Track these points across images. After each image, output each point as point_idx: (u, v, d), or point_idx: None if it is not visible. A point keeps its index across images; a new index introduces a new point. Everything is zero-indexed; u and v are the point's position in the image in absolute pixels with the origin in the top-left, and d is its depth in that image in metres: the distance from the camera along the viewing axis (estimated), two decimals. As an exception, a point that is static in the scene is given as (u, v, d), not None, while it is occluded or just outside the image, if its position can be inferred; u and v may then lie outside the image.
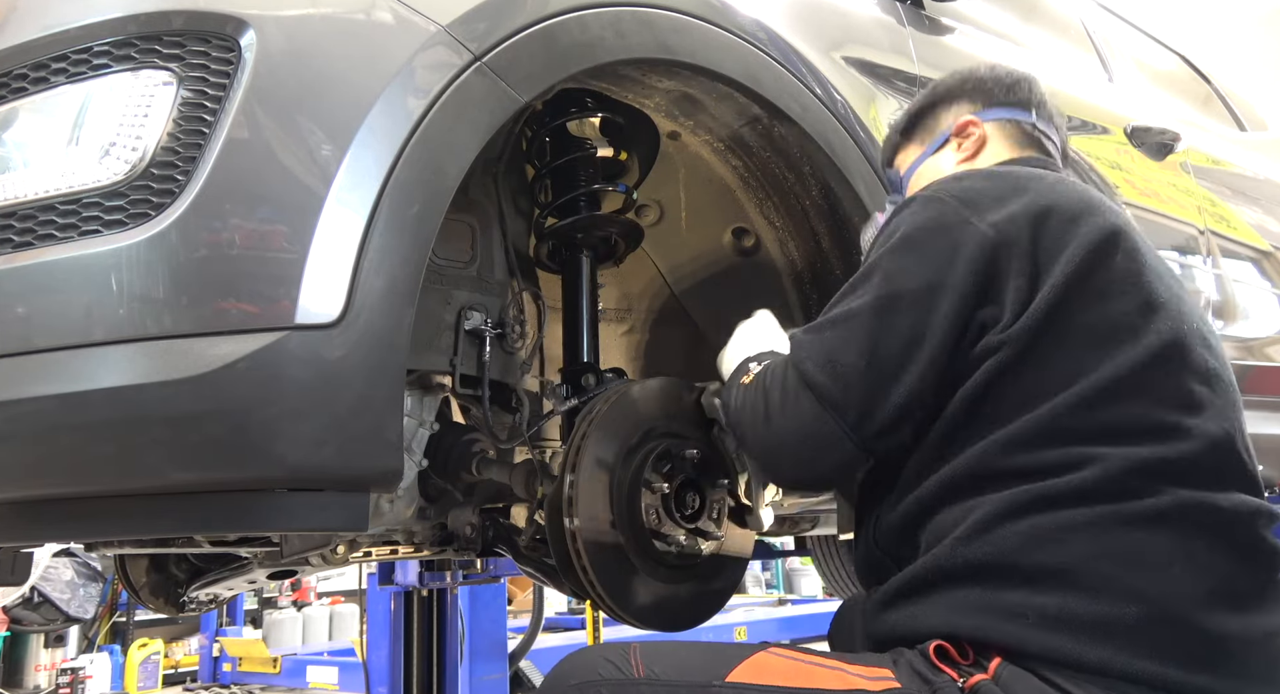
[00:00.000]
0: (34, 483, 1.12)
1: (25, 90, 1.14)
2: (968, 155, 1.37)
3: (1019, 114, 1.38)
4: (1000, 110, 1.38)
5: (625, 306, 2.10)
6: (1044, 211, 1.10)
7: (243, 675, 6.24)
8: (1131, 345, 1.06)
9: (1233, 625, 0.97)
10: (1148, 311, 1.09)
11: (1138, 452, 1.02)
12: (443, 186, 1.16)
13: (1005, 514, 1.02)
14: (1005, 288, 1.07)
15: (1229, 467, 1.07)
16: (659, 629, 1.51)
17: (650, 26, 1.42)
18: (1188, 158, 2.76)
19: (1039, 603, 0.97)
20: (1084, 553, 0.98)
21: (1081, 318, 1.06)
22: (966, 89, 1.41)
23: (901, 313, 1.09)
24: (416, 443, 1.54)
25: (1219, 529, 1.01)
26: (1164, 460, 1.02)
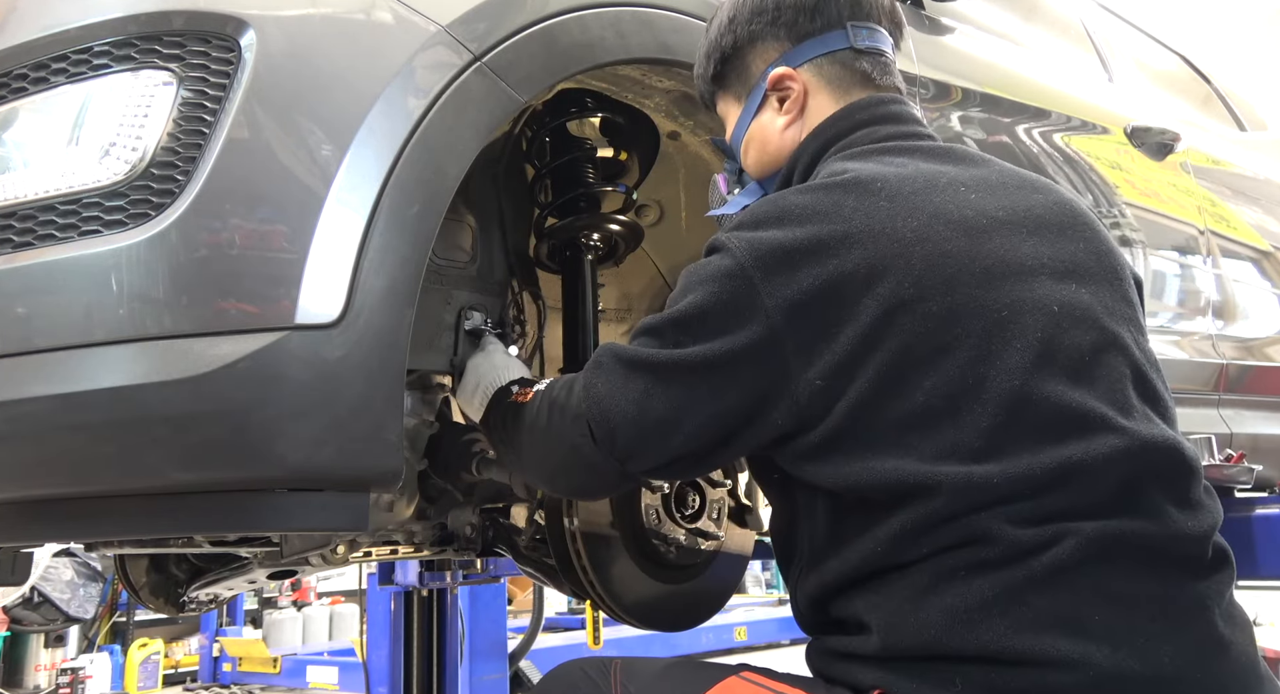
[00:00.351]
0: (34, 483, 1.12)
1: (25, 90, 1.14)
2: (792, 117, 1.22)
3: (833, 42, 1.21)
4: (811, 45, 1.21)
5: (625, 306, 2.10)
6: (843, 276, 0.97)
7: (243, 675, 6.24)
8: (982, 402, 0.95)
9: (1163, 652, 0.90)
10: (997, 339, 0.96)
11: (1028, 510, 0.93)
12: (443, 186, 1.16)
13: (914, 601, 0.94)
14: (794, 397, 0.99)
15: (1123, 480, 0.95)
16: (659, 629, 1.51)
17: (650, 26, 1.42)
18: (1188, 158, 2.76)
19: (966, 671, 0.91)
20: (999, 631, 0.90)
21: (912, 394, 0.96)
22: (766, 22, 1.23)
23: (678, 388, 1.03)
24: (416, 443, 1.54)
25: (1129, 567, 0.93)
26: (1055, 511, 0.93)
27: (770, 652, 6.71)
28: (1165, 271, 2.54)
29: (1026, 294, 1.00)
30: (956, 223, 1.02)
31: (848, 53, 1.21)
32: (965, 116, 2.03)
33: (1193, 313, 2.62)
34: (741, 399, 1.01)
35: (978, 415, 0.95)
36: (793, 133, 1.23)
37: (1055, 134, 2.27)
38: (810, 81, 1.22)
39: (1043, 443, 0.94)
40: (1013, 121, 2.15)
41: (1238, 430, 2.57)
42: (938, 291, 0.97)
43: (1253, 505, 2.00)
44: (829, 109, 1.21)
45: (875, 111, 1.19)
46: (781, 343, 0.98)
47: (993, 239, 1.02)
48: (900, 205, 1.02)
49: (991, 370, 0.96)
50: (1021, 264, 1.02)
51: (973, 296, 0.98)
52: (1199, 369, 2.59)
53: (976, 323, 0.97)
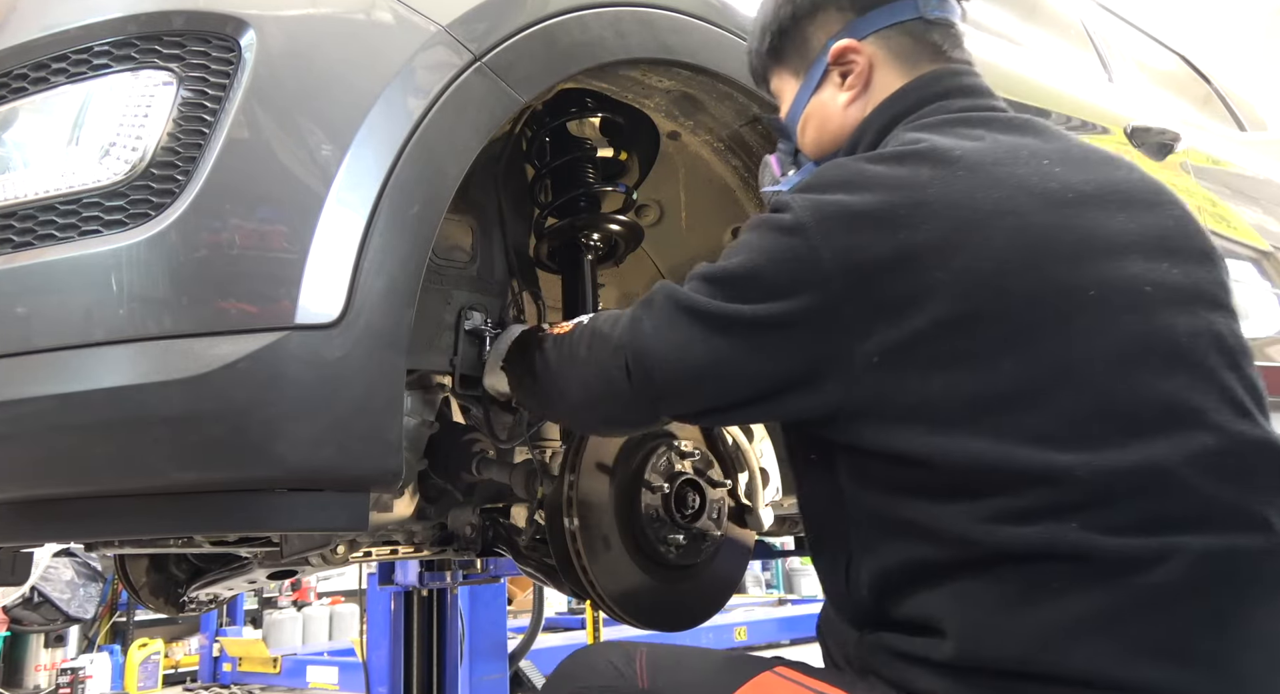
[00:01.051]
0: (34, 483, 1.12)
1: (25, 90, 1.14)
2: (856, 92, 1.15)
3: (901, 11, 1.14)
4: (877, 16, 1.14)
5: (625, 306, 2.10)
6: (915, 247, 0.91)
7: (243, 675, 6.24)
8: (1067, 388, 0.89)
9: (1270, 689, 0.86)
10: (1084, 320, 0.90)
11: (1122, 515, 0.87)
12: (443, 187, 1.16)
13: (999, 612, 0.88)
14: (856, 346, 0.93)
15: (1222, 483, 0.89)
16: (659, 629, 1.51)
17: (650, 26, 1.42)
18: (1188, 158, 2.76)
19: None
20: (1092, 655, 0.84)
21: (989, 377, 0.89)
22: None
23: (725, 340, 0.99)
24: (416, 443, 1.54)
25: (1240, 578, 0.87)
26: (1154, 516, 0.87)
27: (770, 652, 6.71)
28: (1165, 271, 2.54)
29: (1116, 273, 0.92)
30: (1040, 195, 0.94)
31: (917, 23, 1.14)
32: (965, 116, 2.03)
33: (1193, 313, 2.62)
34: (790, 364, 0.96)
35: (1060, 402, 0.88)
36: (856, 110, 1.15)
37: (1055, 134, 2.27)
38: (876, 55, 1.14)
39: (1131, 437, 0.87)
40: (1013, 121, 2.15)
41: (1238, 430, 2.56)
42: (1020, 268, 0.90)
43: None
44: (896, 84, 1.13)
45: (948, 84, 1.12)
46: (839, 311, 0.93)
47: (1080, 213, 0.95)
48: (980, 177, 0.95)
49: (1076, 356, 0.89)
50: (1111, 241, 0.94)
51: (1058, 274, 0.91)
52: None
53: (1062, 303, 0.90)
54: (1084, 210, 0.95)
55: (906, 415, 0.92)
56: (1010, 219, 0.92)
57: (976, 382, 0.89)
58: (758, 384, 1.00)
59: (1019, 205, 0.93)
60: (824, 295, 0.93)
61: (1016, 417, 0.88)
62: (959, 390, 0.90)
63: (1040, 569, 0.86)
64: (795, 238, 0.95)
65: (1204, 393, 0.90)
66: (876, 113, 1.14)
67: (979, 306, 0.90)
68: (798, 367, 0.96)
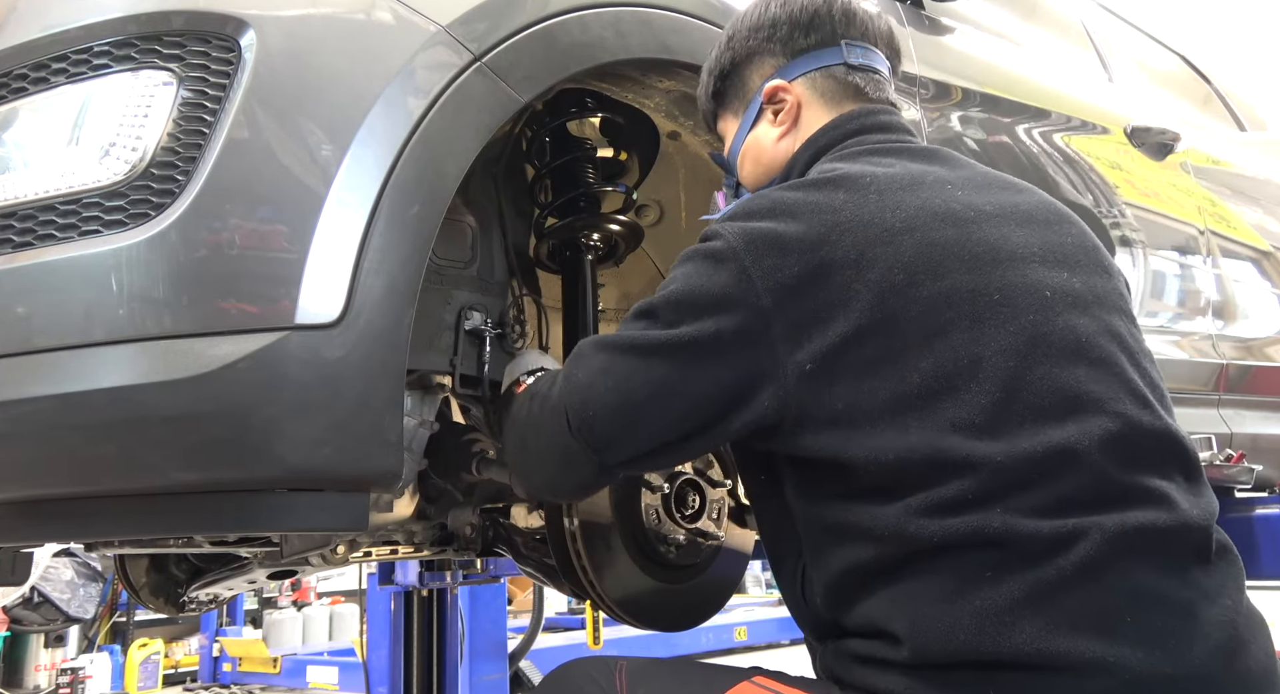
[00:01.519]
0: (34, 483, 1.12)
1: (25, 90, 1.14)
2: (786, 128, 1.25)
3: (826, 58, 1.25)
4: (805, 61, 1.25)
5: (625, 307, 2.10)
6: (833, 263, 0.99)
7: (243, 675, 6.24)
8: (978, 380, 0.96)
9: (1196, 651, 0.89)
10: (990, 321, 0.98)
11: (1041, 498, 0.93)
12: (443, 187, 1.16)
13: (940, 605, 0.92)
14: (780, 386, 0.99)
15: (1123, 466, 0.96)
16: (659, 629, 1.51)
17: (650, 26, 1.42)
18: (1188, 158, 2.76)
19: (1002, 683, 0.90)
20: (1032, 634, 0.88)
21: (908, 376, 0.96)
22: (762, 38, 1.27)
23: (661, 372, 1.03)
24: (416, 443, 1.54)
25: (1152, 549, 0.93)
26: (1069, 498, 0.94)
27: (770, 652, 6.71)
28: (1165, 271, 2.54)
29: (1018, 279, 1.01)
30: (944, 215, 1.04)
31: (841, 68, 1.25)
32: (965, 116, 2.03)
33: (1193, 313, 2.62)
34: (729, 382, 1.01)
35: (975, 394, 0.95)
36: (786, 143, 1.26)
37: (1055, 134, 2.27)
38: (804, 94, 1.25)
39: (1041, 424, 0.94)
40: (1013, 121, 2.15)
41: (1238, 430, 2.57)
42: (927, 277, 0.99)
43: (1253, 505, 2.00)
44: (822, 120, 1.24)
45: (865, 121, 1.22)
46: (769, 325, 0.99)
47: (982, 228, 1.04)
48: (888, 199, 1.04)
49: (986, 351, 0.97)
50: (1012, 251, 1.03)
51: (963, 281, 1.00)
52: (1199, 369, 2.59)
53: (968, 306, 0.99)
54: (985, 225, 1.05)
55: (840, 420, 0.98)
56: (917, 235, 1.01)
57: (899, 381, 0.96)
58: (702, 408, 1.03)
59: (923, 223, 1.02)
60: (754, 312, 1.00)
61: (938, 410, 0.95)
62: (885, 391, 0.97)
63: (972, 559, 0.91)
64: (726, 262, 1.02)
65: (1105, 384, 0.98)
66: (804, 147, 1.23)
67: (895, 313, 0.98)
68: (736, 383, 1.01)
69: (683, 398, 1.03)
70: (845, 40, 1.25)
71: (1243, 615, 0.94)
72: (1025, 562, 0.90)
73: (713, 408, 1.03)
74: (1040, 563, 0.90)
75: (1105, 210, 2.32)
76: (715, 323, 1.01)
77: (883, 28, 1.29)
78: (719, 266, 1.02)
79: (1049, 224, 1.10)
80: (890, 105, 1.27)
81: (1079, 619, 0.88)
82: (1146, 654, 0.87)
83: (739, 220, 1.05)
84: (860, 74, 1.25)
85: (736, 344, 1.01)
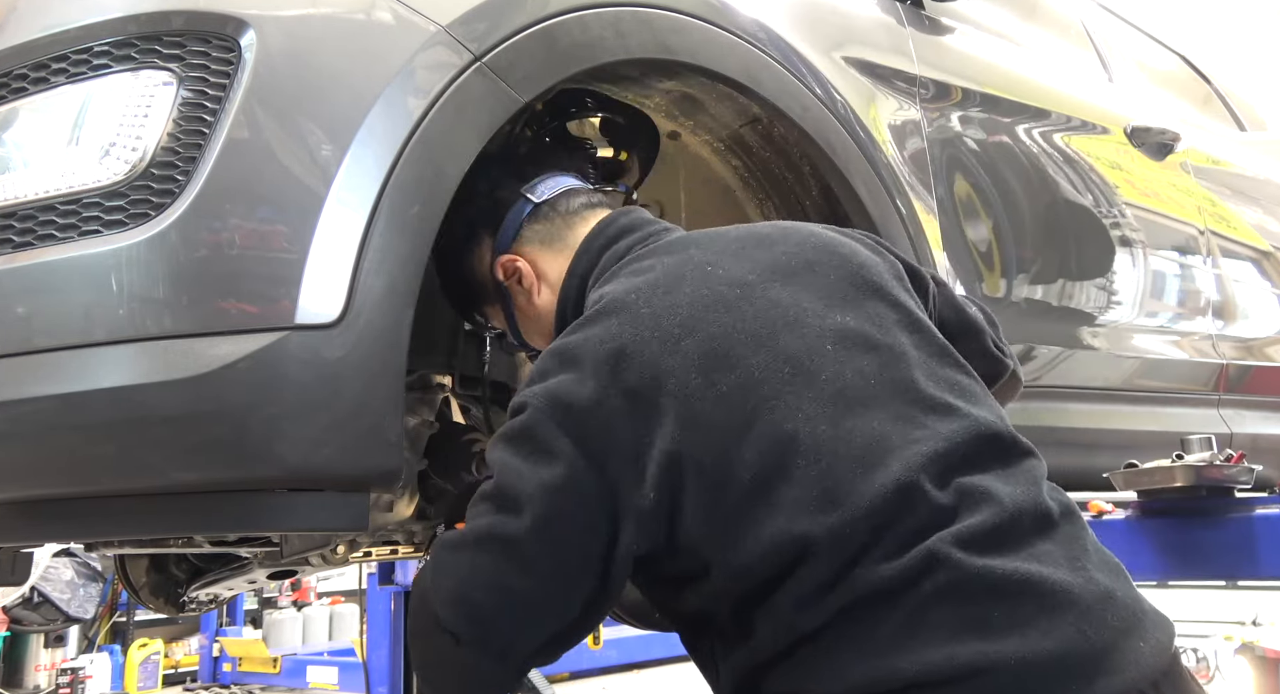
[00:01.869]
0: (34, 483, 1.12)
1: (25, 90, 1.14)
2: (537, 286, 1.29)
3: (518, 212, 1.30)
4: (506, 227, 1.30)
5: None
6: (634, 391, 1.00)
7: (243, 675, 6.25)
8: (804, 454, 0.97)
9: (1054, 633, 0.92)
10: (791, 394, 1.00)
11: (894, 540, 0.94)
12: (443, 187, 1.16)
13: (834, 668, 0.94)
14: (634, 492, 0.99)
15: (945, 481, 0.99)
16: (659, 630, 1.51)
17: (650, 26, 1.42)
18: (1188, 158, 2.76)
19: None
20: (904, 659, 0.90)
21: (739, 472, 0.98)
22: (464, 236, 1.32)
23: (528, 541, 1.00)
24: (416, 443, 1.54)
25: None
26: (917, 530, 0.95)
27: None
28: (1165, 271, 2.54)
29: (798, 343, 1.03)
30: (713, 303, 1.05)
31: (540, 208, 1.30)
32: (965, 116, 2.03)
33: (1193, 313, 2.62)
34: (593, 537, 1.00)
35: (803, 469, 0.96)
36: (546, 295, 1.29)
37: (1055, 134, 2.27)
38: (529, 251, 1.30)
39: (865, 473, 0.96)
40: (1012, 121, 2.15)
41: (1238, 430, 2.57)
42: (721, 372, 1.00)
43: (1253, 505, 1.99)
44: (560, 259, 1.27)
45: (608, 233, 1.25)
46: (601, 477, 0.99)
47: (752, 302, 1.06)
48: (658, 305, 1.05)
49: (797, 425, 0.98)
50: (784, 316, 1.05)
51: (754, 365, 1.01)
52: (1199, 369, 2.59)
53: (765, 388, 1.00)
54: (754, 298, 1.06)
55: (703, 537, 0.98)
56: (697, 334, 1.03)
57: (736, 483, 0.97)
58: (590, 567, 1.01)
59: (697, 319, 1.04)
60: (583, 473, 0.99)
61: (779, 497, 0.96)
62: (729, 496, 0.97)
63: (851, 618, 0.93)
64: (536, 432, 1.01)
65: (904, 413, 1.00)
66: (564, 287, 1.27)
67: (702, 416, 0.99)
68: (599, 533, 1.00)
69: (569, 572, 1.01)
70: (523, 189, 1.31)
71: (1101, 568, 0.97)
72: (892, 597, 0.92)
73: (592, 572, 1.01)
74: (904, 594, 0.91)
75: (1105, 210, 2.32)
76: (554, 493, 0.99)
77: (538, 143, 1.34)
78: (535, 439, 1.01)
79: (809, 269, 1.11)
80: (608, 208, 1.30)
81: (952, 625, 0.90)
82: (1022, 641, 0.88)
83: (536, 383, 1.05)
84: (559, 201, 1.30)
85: (581, 501, 0.99)
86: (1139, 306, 2.41)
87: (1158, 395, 2.50)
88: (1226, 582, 4.31)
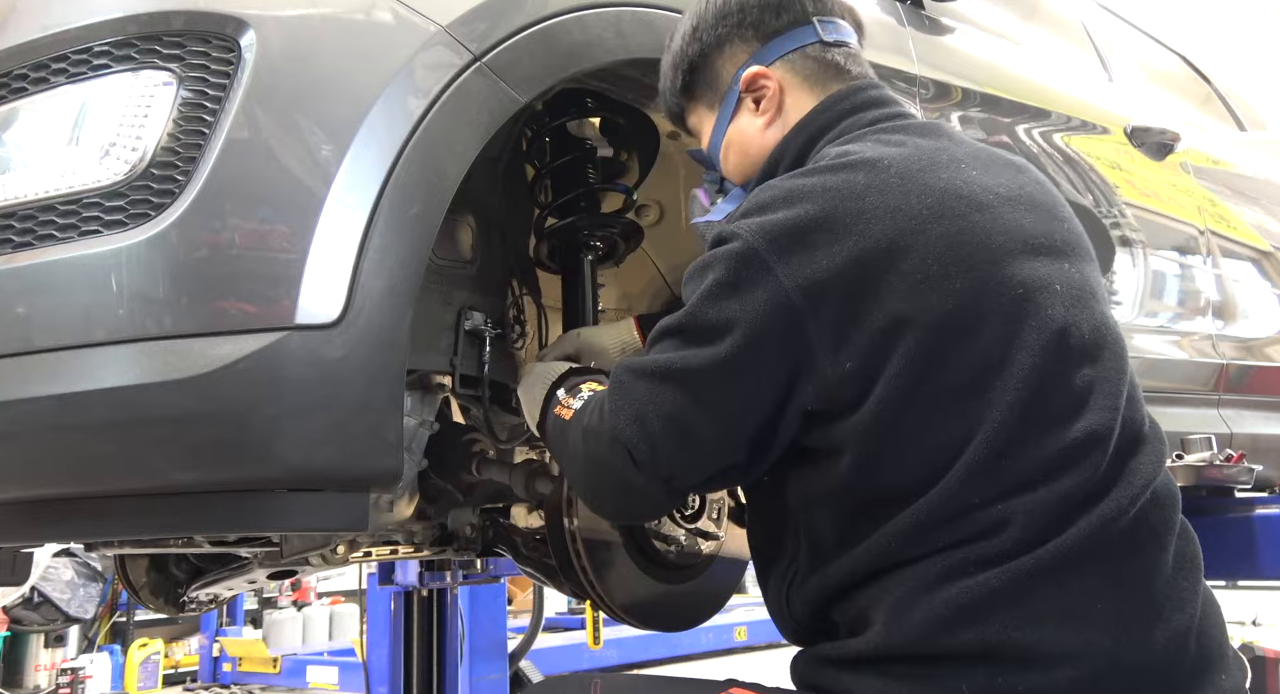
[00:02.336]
0: (34, 483, 1.12)
1: (25, 90, 1.14)
2: (770, 116, 1.20)
3: (801, 37, 1.20)
4: (781, 42, 1.20)
5: (625, 307, 2.10)
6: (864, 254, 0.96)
7: (243, 675, 6.24)
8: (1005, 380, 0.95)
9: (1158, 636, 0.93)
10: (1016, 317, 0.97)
11: (1044, 496, 0.94)
12: (443, 187, 1.16)
13: (920, 594, 0.93)
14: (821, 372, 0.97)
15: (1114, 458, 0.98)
16: (659, 629, 1.51)
17: (650, 26, 1.42)
18: (1188, 158, 2.76)
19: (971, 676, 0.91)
20: (1005, 624, 0.90)
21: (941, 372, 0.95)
22: (732, 24, 1.22)
23: (710, 387, 1.00)
24: (416, 443, 1.54)
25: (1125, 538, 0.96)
26: (1067, 494, 0.94)
27: (771, 651, 6.71)
28: (1165, 271, 2.54)
29: (1033, 273, 1.00)
30: (966, 199, 1.01)
31: (817, 46, 1.20)
32: (965, 116, 2.03)
33: (1193, 313, 2.62)
34: (770, 385, 0.98)
35: (1001, 393, 0.94)
36: (774, 132, 1.20)
37: (1055, 134, 2.27)
38: (785, 78, 1.20)
39: (1055, 424, 0.95)
40: (1013, 121, 2.15)
41: (1238, 430, 2.57)
42: (958, 269, 0.96)
43: (1253, 505, 2.00)
44: (808, 103, 1.19)
45: (857, 99, 1.18)
46: (804, 323, 0.96)
47: (1000, 215, 1.02)
48: (912, 183, 1.00)
49: (1013, 350, 0.96)
50: (1025, 242, 1.02)
51: (990, 274, 0.98)
52: (1199, 369, 2.59)
53: (997, 301, 0.97)
54: (1002, 212, 1.03)
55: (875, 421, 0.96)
56: (944, 222, 0.98)
57: (934, 381, 0.95)
58: (754, 421, 1.01)
59: (949, 208, 0.99)
60: (786, 309, 0.96)
61: (966, 413, 0.95)
62: (922, 390, 0.95)
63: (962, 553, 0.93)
64: (748, 264, 0.98)
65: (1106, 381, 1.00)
66: (794, 133, 1.18)
67: (930, 307, 0.95)
68: (779, 384, 0.99)
69: (739, 413, 1.00)
70: (817, 17, 1.21)
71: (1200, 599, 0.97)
72: (1009, 555, 0.92)
73: (763, 418, 1.00)
74: (1022, 555, 0.91)
75: (1105, 210, 2.32)
76: (749, 334, 0.97)
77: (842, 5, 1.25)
78: (741, 272, 0.98)
79: (1049, 209, 1.09)
80: (871, 78, 1.23)
81: (1051, 609, 0.90)
82: (1114, 644, 0.89)
83: (753, 216, 1.00)
84: (837, 50, 1.21)
85: (773, 346, 0.97)
86: (1139, 306, 2.41)
87: (1158, 395, 2.50)
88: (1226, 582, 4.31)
